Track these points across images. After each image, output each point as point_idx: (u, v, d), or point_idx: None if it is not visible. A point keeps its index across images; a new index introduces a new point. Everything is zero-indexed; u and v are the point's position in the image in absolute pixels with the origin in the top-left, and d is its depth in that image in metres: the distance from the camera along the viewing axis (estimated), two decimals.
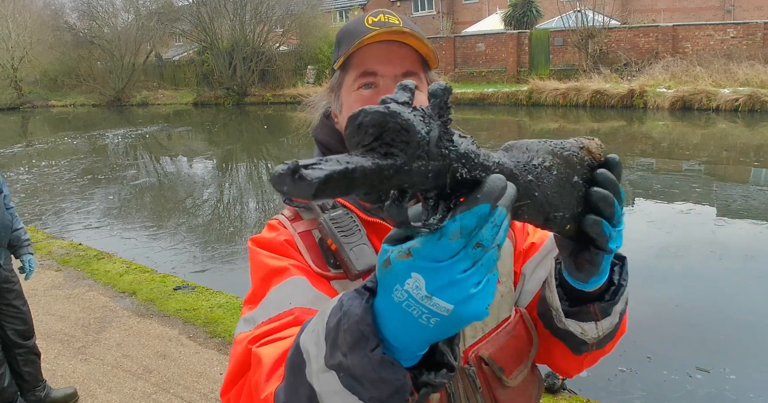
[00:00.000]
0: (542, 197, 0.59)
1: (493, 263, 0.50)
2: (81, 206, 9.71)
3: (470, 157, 0.50)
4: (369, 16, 0.96)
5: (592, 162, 0.66)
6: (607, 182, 0.65)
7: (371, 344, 0.52)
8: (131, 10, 31.78)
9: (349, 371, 0.54)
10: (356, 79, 0.95)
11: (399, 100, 0.49)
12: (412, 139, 0.46)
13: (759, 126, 13.87)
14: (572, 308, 0.80)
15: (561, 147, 0.63)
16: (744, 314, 4.57)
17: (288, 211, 0.99)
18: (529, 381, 0.97)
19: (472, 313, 0.49)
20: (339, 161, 0.44)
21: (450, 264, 0.48)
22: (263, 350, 0.75)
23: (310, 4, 28.26)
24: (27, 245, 3.31)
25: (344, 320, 0.54)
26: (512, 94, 19.86)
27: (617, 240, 0.67)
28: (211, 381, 3.63)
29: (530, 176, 0.58)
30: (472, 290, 0.48)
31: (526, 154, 0.60)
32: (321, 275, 0.89)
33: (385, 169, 0.45)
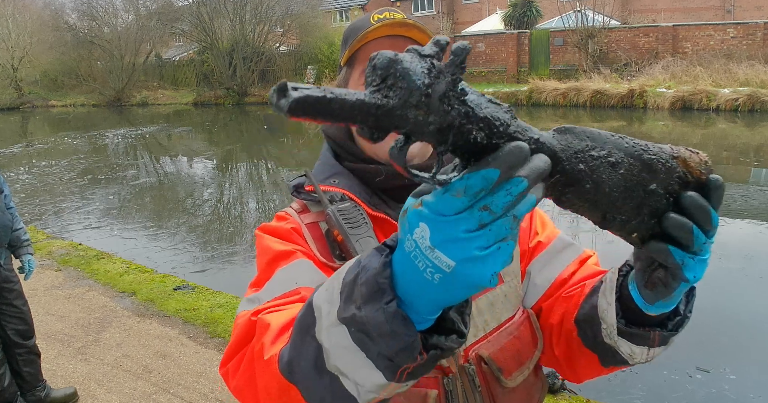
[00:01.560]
0: (596, 191, 0.55)
1: (506, 232, 0.48)
2: (81, 206, 9.71)
3: (492, 123, 0.50)
4: (375, 14, 0.98)
5: (686, 176, 0.59)
6: (694, 208, 0.58)
7: (387, 297, 0.52)
8: (131, 10, 31.79)
9: (362, 325, 0.54)
10: (362, 74, 0.96)
11: (424, 52, 0.50)
12: (408, 87, 0.47)
13: (759, 126, 13.87)
14: (628, 327, 0.75)
15: (643, 148, 0.58)
16: (744, 314, 4.57)
17: (296, 204, 1.01)
18: (532, 383, 0.97)
19: (474, 276, 0.49)
20: (324, 89, 0.46)
21: (454, 220, 0.48)
22: (270, 317, 0.76)
23: (310, 4, 28.25)
24: (27, 245, 3.31)
25: (362, 274, 0.54)
26: (512, 94, 19.85)
27: (696, 270, 0.60)
28: (211, 381, 3.63)
29: (581, 165, 0.55)
30: (475, 252, 0.48)
31: (585, 142, 0.56)
32: (326, 265, 0.90)
33: (371, 107, 0.47)
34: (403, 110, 0.47)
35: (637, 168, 0.57)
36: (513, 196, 0.48)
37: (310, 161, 12.81)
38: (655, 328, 0.73)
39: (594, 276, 0.92)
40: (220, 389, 3.54)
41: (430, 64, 0.49)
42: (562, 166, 0.54)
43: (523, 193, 0.48)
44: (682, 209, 0.58)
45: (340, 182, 0.97)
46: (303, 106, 0.45)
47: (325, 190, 0.96)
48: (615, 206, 0.57)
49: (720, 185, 0.59)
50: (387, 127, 0.48)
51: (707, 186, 0.59)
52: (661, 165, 0.58)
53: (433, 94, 0.48)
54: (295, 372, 0.63)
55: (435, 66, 0.49)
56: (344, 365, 0.57)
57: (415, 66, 0.48)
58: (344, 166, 1.01)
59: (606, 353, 0.80)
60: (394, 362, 0.54)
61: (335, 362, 0.58)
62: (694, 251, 0.59)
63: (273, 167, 13.30)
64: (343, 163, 1.01)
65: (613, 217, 0.57)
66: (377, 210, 0.95)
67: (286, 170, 12.38)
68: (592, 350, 0.83)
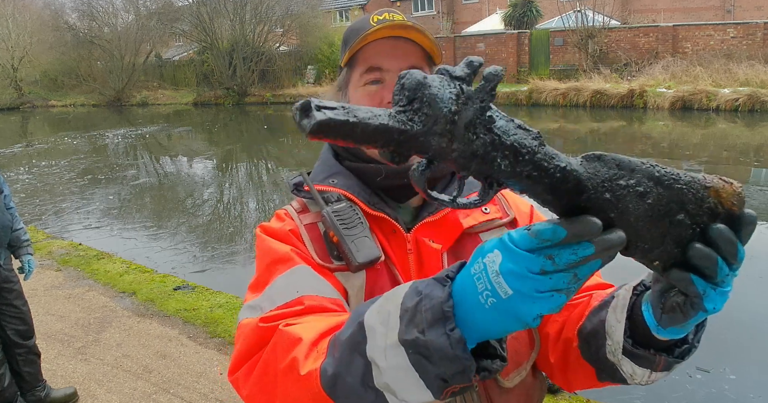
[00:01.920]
0: (620, 221, 0.54)
1: (563, 285, 0.52)
2: (81, 206, 9.71)
3: (519, 151, 0.50)
4: (374, 15, 0.98)
5: (716, 207, 0.57)
6: (721, 241, 0.57)
7: (450, 324, 0.56)
8: (131, 10, 31.77)
9: (423, 348, 0.57)
10: (362, 75, 0.96)
11: (455, 73, 0.50)
12: (434, 114, 0.47)
13: (759, 126, 13.86)
14: (634, 347, 0.74)
15: (674, 178, 0.56)
16: (744, 314, 4.57)
17: (296, 203, 1.01)
18: (530, 384, 0.97)
19: (522, 311, 0.53)
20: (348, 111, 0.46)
21: (523, 256, 0.52)
22: (296, 328, 0.77)
23: (310, 4, 28.25)
24: (27, 246, 3.31)
25: (425, 301, 0.58)
26: (512, 94, 19.85)
27: (716, 301, 0.60)
28: (211, 381, 3.63)
29: (608, 194, 0.53)
30: (532, 292, 0.52)
31: (613, 170, 0.55)
32: (323, 266, 0.91)
33: (395, 132, 0.47)
34: (426, 137, 0.47)
35: (665, 198, 0.56)
36: (578, 257, 0.51)
37: (310, 161, 12.80)
38: (662, 353, 0.72)
39: (599, 287, 0.92)
40: (220, 389, 3.54)
41: (458, 90, 0.48)
42: (587, 195, 0.53)
43: (588, 258, 0.52)
44: (709, 240, 0.57)
45: (338, 182, 0.97)
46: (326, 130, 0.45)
47: (324, 191, 0.96)
48: (639, 234, 0.56)
49: (752, 222, 0.58)
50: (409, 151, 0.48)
51: (740, 220, 0.58)
52: (692, 195, 0.56)
53: (459, 122, 0.48)
54: (339, 387, 0.66)
55: (464, 91, 0.49)
56: (396, 384, 0.60)
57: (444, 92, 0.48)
58: (344, 165, 1.01)
59: (605, 369, 0.80)
60: (448, 383, 0.58)
61: (387, 380, 0.61)
62: (716, 282, 0.58)
63: (273, 167, 13.29)
64: (343, 163, 1.01)
65: (636, 245, 0.56)
66: (376, 209, 0.95)
67: (286, 170, 12.38)
68: (591, 364, 0.82)
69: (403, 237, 0.94)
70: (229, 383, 3.11)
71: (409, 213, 1.00)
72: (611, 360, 0.77)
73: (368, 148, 0.49)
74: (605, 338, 0.77)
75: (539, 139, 0.52)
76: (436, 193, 0.54)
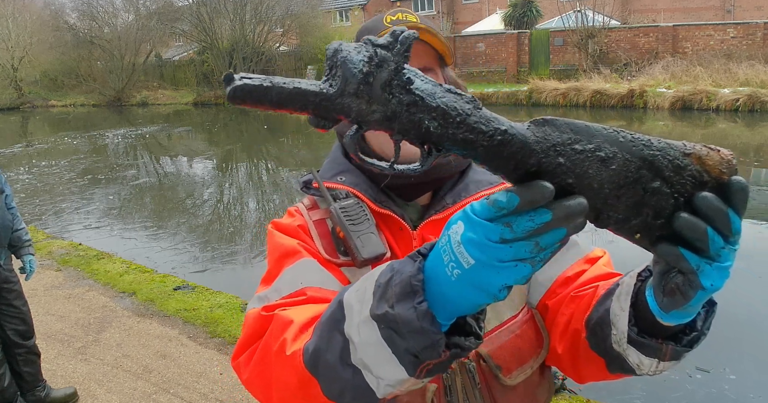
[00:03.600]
0: (581, 187, 0.53)
1: (525, 254, 0.51)
2: (81, 206, 9.71)
3: (447, 113, 0.50)
4: (388, 15, 0.98)
5: (701, 175, 0.54)
6: (708, 209, 0.54)
7: (419, 297, 0.57)
8: (131, 10, 31.78)
9: (393, 322, 0.58)
10: None
11: (377, 42, 0.51)
12: (344, 75, 0.49)
13: (759, 126, 13.87)
14: (639, 336, 0.71)
15: (644, 144, 0.54)
16: (744, 314, 4.57)
17: (307, 200, 1.04)
18: (536, 383, 0.96)
19: (485, 280, 0.53)
20: (268, 78, 0.49)
21: (482, 225, 0.52)
22: (290, 313, 0.79)
23: (310, 4, 28.26)
24: (28, 246, 3.31)
25: (396, 276, 0.59)
26: (512, 94, 19.86)
27: (713, 277, 0.56)
28: (211, 381, 3.63)
29: (561, 159, 0.52)
30: (493, 261, 0.51)
31: (567, 134, 0.53)
32: (330, 261, 0.93)
33: (309, 95, 0.49)
34: (342, 98, 0.49)
35: (634, 165, 0.53)
36: (535, 223, 0.50)
37: (310, 161, 12.80)
38: (669, 341, 0.70)
39: (607, 277, 0.91)
40: (220, 389, 3.54)
41: (372, 53, 0.49)
42: (536, 159, 0.52)
43: (548, 224, 0.50)
44: (696, 209, 0.54)
45: (346, 180, 0.99)
46: (242, 94, 0.48)
47: (332, 188, 0.98)
48: (607, 203, 0.54)
49: (742, 188, 0.55)
50: (330, 115, 0.50)
51: (728, 188, 0.54)
52: (667, 162, 0.54)
53: (374, 83, 0.49)
54: (320, 365, 0.67)
55: (378, 54, 0.50)
56: (370, 359, 0.61)
57: (354, 55, 0.49)
58: (353, 163, 1.02)
59: (614, 359, 0.78)
60: (418, 358, 0.58)
61: (362, 355, 0.62)
62: (710, 255, 0.55)
63: (273, 167, 13.29)
64: (352, 161, 1.03)
65: (608, 215, 0.54)
66: (383, 207, 0.96)
67: (286, 170, 12.38)
68: (600, 355, 0.81)
69: (409, 234, 0.96)
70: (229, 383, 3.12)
71: (417, 211, 1.02)
72: (618, 351, 0.75)
73: (293, 112, 0.50)
74: (611, 327, 0.76)
75: (474, 102, 0.52)
76: (368, 158, 0.54)
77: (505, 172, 0.53)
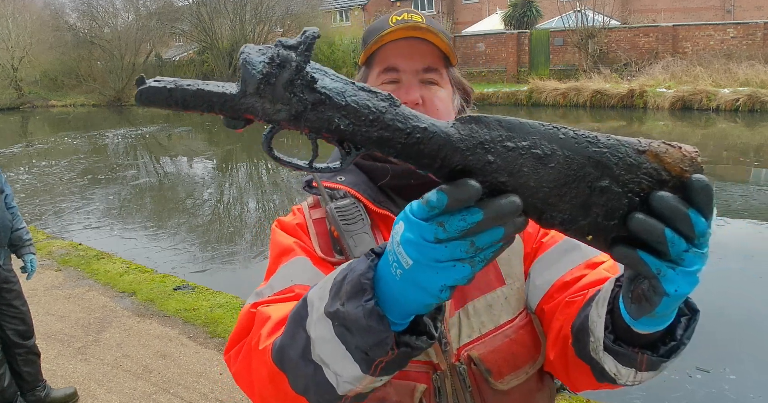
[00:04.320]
0: (516, 186, 0.51)
1: (461, 255, 0.51)
2: (81, 206, 9.71)
3: (358, 111, 0.51)
4: (393, 15, 0.99)
5: (659, 174, 0.51)
6: (666, 209, 0.50)
7: (367, 295, 0.57)
8: (131, 10, 31.79)
9: (343, 319, 0.59)
10: (379, 74, 0.98)
11: (287, 43, 0.51)
12: (244, 77, 0.50)
13: (759, 126, 13.87)
14: (616, 344, 0.68)
15: (589, 141, 0.51)
16: (744, 314, 4.57)
17: (311, 198, 1.06)
18: (534, 389, 0.96)
19: (424, 281, 0.53)
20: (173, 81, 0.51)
21: (417, 224, 0.52)
22: (270, 309, 0.82)
23: (310, 4, 28.27)
24: (29, 245, 3.31)
25: (349, 275, 0.60)
26: (512, 94, 19.86)
27: (678, 282, 0.52)
28: (211, 381, 3.63)
29: (490, 156, 0.50)
30: (430, 261, 0.52)
31: (497, 132, 0.51)
32: (325, 260, 0.95)
33: (213, 96, 0.50)
34: (244, 99, 0.50)
35: (577, 162, 0.51)
36: (467, 223, 0.50)
37: None
38: (646, 350, 0.66)
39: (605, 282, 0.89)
40: (220, 389, 3.54)
41: (273, 54, 0.50)
42: (461, 157, 0.50)
43: (480, 224, 0.50)
44: (653, 210, 0.51)
45: (345, 180, 1.00)
46: (148, 96, 0.50)
47: (332, 188, 0.99)
48: (548, 203, 0.51)
49: (703, 187, 0.50)
50: (238, 114, 0.51)
51: (688, 187, 0.50)
52: (617, 159, 0.51)
53: (277, 83, 0.50)
54: (285, 360, 0.69)
55: (279, 55, 0.50)
56: (326, 355, 0.63)
57: (255, 57, 0.50)
58: (354, 163, 1.03)
59: (596, 367, 0.76)
60: (368, 355, 0.59)
61: (319, 352, 0.64)
62: (673, 259, 0.51)
63: (273, 167, 13.29)
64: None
65: (551, 215, 0.52)
66: (382, 207, 0.97)
67: (286, 170, 12.37)
68: (585, 362, 0.79)
69: None
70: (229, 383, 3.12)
71: None
72: (595, 359, 0.73)
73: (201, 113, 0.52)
74: (589, 335, 0.73)
75: (390, 100, 0.51)
76: (286, 156, 0.54)
77: (432, 170, 0.52)
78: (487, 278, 0.95)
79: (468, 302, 0.93)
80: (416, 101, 0.95)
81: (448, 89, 1.01)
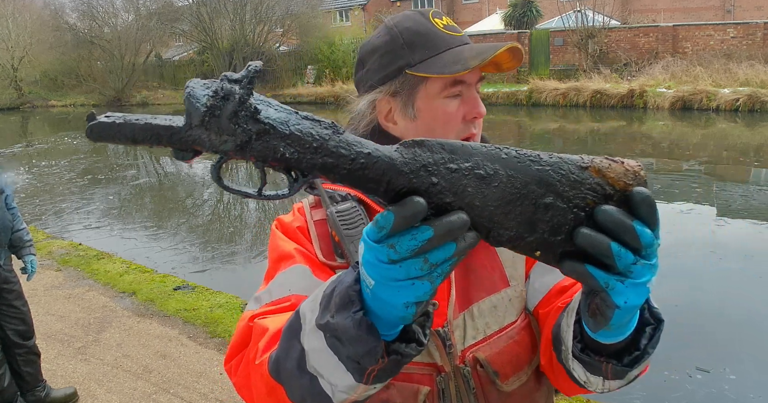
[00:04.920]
0: (462, 205, 0.52)
1: (417, 273, 0.52)
2: (81, 206, 9.71)
3: (302, 139, 0.52)
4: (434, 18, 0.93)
5: (604, 188, 0.52)
6: (610, 223, 0.51)
7: (355, 306, 0.58)
8: (131, 10, 31.78)
9: (334, 331, 0.60)
10: (448, 87, 0.91)
11: (232, 77, 0.53)
12: (188, 109, 0.51)
13: (759, 126, 13.86)
14: (583, 353, 0.71)
15: (532, 159, 0.53)
16: (744, 314, 4.57)
17: (312, 198, 1.03)
18: (534, 389, 0.96)
19: (387, 299, 0.54)
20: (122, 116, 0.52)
21: (371, 247, 0.53)
22: (267, 322, 0.83)
23: (310, 4, 28.26)
24: (29, 246, 3.31)
25: (338, 287, 0.61)
26: (512, 94, 19.86)
27: (627, 295, 0.53)
28: (211, 381, 3.63)
29: (434, 179, 0.52)
30: (388, 281, 0.53)
31: (440, 154, 0.53)
32: (326, 264, 0.93)
33: (160, 130, 0.51)
34: (191, 131, 0.51)
35: (520, 181, 0.52)
36: (418, 241, 0.51)
37: None
38: (611, 359, 0.68)
39: None
40: (220, 389, 3.54)
41: (218, 87, 0.52)
42: (406, 179, 0.52)
43: (431, 241, 0.51)
44: (598, 224, 0.52)
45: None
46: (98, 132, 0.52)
47: (334, 189, 0.97)
48: (494, 220, 0.53)
49: (644, 198, 0.51)
50: (186, 146, 0.52)
51: (630, 199, 0.52)
52: (560, 176, 0.52)
53: (221, 115, 0.51)
54: (281, 372, 0.71)
55: (223, 88, 0.52)
56: (320, 366, 0.65)
57: (199, 90, 0.52)
58: None
59: (570, 373, 0.78)
60: (360, 364, 0.60)
61: (313, 363, 0.65)
62: (621, 272, 0.52)
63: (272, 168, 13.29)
64: None
65: (498, 232, 0.53)
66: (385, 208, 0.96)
67: None
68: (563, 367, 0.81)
69: None
70: (228, 383, 3.12)
71: None
72: (567, 366, 0.75)
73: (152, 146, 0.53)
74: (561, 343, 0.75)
75: (333, 128, 0.53)
76: (234, 184, 0.56)
77: (378, 194, 0.53)
78: (492, 279, 0.95)
79: (473, 303, 0.93)
80: (484, 114, 0.94)
81: None
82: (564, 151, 0.55)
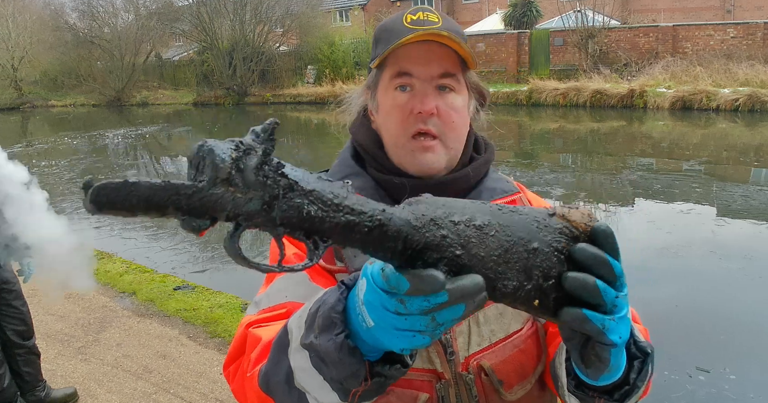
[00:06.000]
0: (470, 257, 0.53)
1: (421, 328, 0.52)
2: (81, 206, 9.69)
3: (324, 196, 0.49)
4: (408, 14, 0.93)
5: (571, 231, 0.57)
6: (588, 259, 0.55)
7: (337, 329, 0.59)
8: (131, 10, 31.76)
9: (317, 352, 0.61)
10: (392, 78, 0.92)
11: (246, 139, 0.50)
12: (214, 163, 0.46)
13: (759, 126, 13.86)
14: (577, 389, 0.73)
15: (511, 210, 0.56)
16: (744, 314, 4.57)
17: None
18: (536, 397, 0.94)
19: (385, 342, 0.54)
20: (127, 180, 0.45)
21: (380, 294, 0.52)
22: (261, 332, 0.83)
23: (310, 4, 28.23)
24: (27, 248, 3.30)
25: (321, 307, 0.62)
26: (512, 94, 19.85)
27: (619, 329, 0.56)
28: (211, 381, 3.63)
29: (444, 231, 0.52)
30: (390, 328, 0.53)
31: (441, 209, 0.54)
32: (326, 268, 0.92)
33: (180, 188, 0.45)
34: (215, 189, 0.45)
35: (509, 229, 0.55)
36: (431, 303, 0.51)
37: (309, 162, 12.80)
38: (604, 395, 0.70)
39: None
40: (220, 389, 3.54)
41: (237, 142, 0.48)
42: (421, 235, 0.51)
43: (443, 305, 0.51)
44: (577, 263, 0.55)
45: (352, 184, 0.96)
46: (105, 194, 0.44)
47: None
48: (498, 271, 0.54)
49: (604, 230, 0.56)
50: (205, 211, 0.46)
51: (594, 235, 0.56)
52: (537, 223, 0.56)
53: (246, 169, 0.46)
54: (271, 386, 0.72)
55: (243, 143, 0.48)
56: (306, 384, 0.65)
57: (220, 144, 0.47)
58: (368, 173, 0.98)
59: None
60: (343, 385, 0.60)
61: (299, 380, 0.66)
62: (608, 309, 0.55)
63: None
64: (367, 170, 0.98)
65: (503, 284, 0.54)
66: None
67: None
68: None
69: None
70: None
71: None
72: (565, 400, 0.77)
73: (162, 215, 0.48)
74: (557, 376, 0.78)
75: (347, 186, 0.52)
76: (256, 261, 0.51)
77: (393, 253, 0.51)
78: None
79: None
80: (431, 111, 0.89)
81: (464, 95, 0.95)
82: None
